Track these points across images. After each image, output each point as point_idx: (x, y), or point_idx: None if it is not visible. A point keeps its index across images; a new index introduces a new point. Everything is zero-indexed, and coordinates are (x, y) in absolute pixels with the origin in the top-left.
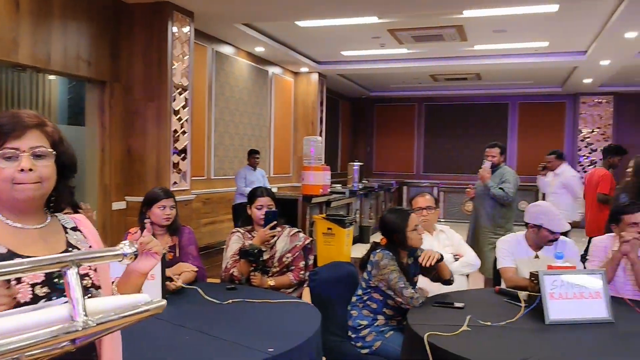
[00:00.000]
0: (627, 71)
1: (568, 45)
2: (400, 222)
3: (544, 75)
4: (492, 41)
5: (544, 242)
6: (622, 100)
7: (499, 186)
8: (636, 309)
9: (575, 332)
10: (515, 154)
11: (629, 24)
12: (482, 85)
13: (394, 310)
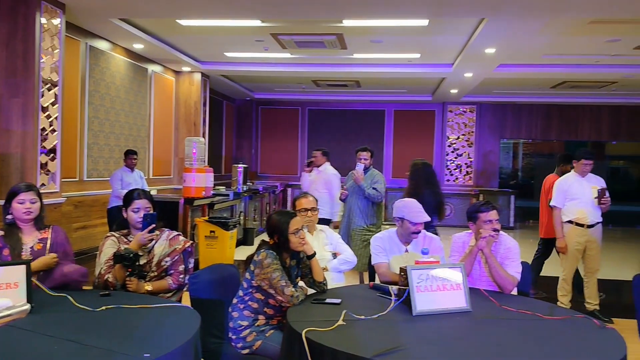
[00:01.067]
0: (487, 83)
1: (437, 58)
2: (283, 224)
3: (416, 85)
4: (370, 50)
5: (409, 234)
6: (483, 110)
7: (372, 186)
8: (490, 297)
9: (439, 321)
10: (391, 158)
11: (488, 41)
12: (361, 92)
13: (275, 310)
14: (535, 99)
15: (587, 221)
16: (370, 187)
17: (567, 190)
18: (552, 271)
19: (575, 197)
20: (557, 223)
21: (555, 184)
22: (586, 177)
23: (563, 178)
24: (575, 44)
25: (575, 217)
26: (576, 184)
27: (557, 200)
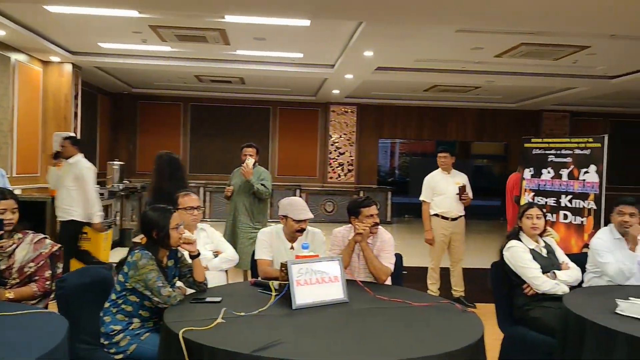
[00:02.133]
0: (367, 85)
1: (319, 58)
2: (163, 219)
3: (300, 85)
4: (253, 48)
5: (293, 231)
6: (363, 111)
7: (260, 183)
8: (365, 288)
9: (317, 314)
10: (277, 156)
11: (366, 44)
12: (246, 90)
13: (151, 312)
14: (410, 102)
15: (451, 214)
16: (259, 183)
17: (434, 187)
18: (423, 262)
19: (441, 192)
20: (425, 217)
21: (424, 181)
22: (451, 173)
23: (430, 175)
24: (444, 51)
25: (440, 210)
26: (442, 180)
27: (425, 195)
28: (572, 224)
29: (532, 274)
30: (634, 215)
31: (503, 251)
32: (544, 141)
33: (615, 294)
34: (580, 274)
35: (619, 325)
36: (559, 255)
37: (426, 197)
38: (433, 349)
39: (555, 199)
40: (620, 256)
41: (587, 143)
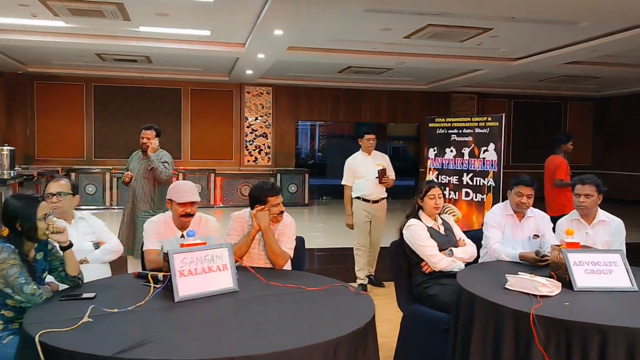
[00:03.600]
0: (281, 65)
1: (228, 37)
2: (28, 209)
3: (211, 64)
4: (156, 24)
5: (178, 216)
6: (279, 92)
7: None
8: (257, 275)
9: (202, 305)
10: (190, 139)
11: (276, 22)
12: (154, 69)
13: (15, 312)
14: (326, 83)
15: (372, 197)
16: (159, 162)
17: (356, 169)
18: (345, 244)
19: (362, 174)
20: (347, 201)
21: (346, 164)
22: (373, 155)
23: (351, 157)
24: (355, 31)
25: (362, 193)
26: (363, 162)
27: (347, 178)
28: (473, 201)
29: (429, 252)
30: (530, 196)
31: (402, 230)
32: (446, 121)
33: (506, 270)
34: (475, 250)
35: (507, 300)
36: (456, 232)
37: (348, 181)
38: (319, 336)
39: (458, 177)
40: (509, 232)
41: (487, 122)
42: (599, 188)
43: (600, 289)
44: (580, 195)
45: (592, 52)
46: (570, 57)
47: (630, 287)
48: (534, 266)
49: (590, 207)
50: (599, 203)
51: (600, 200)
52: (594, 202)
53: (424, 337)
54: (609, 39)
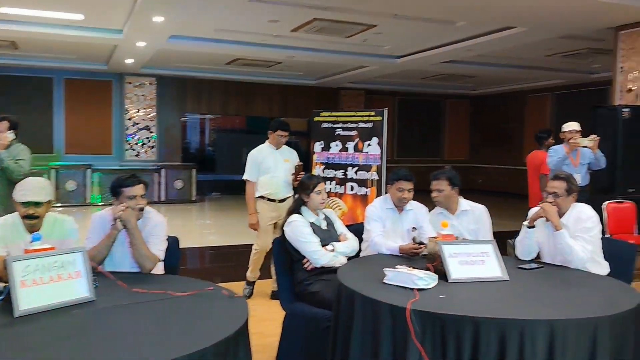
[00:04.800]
0: (165, 55)
1: (104, 22)
2: None
3: (87, 51)
4: (22, 5)
5: (22, 217)
6: (164, 83)
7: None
8: (118, 281)
9: (48, 320)
10: (63, 131)
11: (155, 8)
12: (21, 55)
13: None
14: (214, 75)
15: (278, 196)
16: (13, 160)
17: (261, 163)
18: (240, 240)
19: (267, 170)
20: (249, 198)
21: (249, 157)
22: (280, 150)
23: (257, 150)
24: (242, 22)
25: (267, 192)
26: (270, 156)
27: (250, 173)
28: (357, 195)
29: (311, 248)
30: (411, 190)
31: (284, 227)
32: (331, 115)
33: (386, 263)
34: (357, 244)
35: (385, 296)
36: (338, 226)
37: (251, 176)
38: (183, 348)
39: (343, 171)
40: (389, 225)
41: (370, 117)
42: (451, 181)
43: (473, 280)
44: (434, 190)
45: (467, 51)
46: (449, 56)
47: (502, 276)
48: (413, 256)
49: (442, 201)
50: (458, 194)
51: (457, 192)
52: (446, 196)
53: (306, 335)
54: (482, 39)
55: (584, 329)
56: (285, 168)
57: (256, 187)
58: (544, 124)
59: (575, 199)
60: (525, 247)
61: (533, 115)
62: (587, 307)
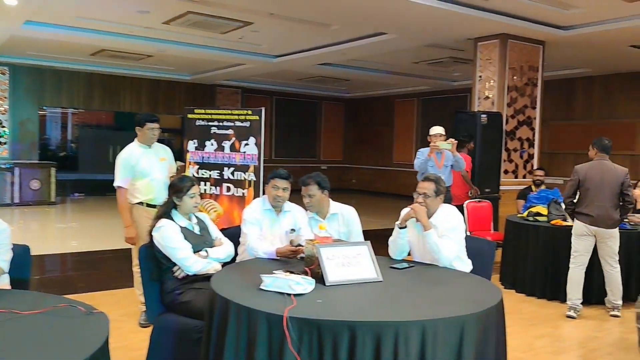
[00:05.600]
0: (19, 42)
1: None
2: None
3: None
4: None
5: None
6: (18, 73)
7: None
8: None
9: None
10: None
11: None
12: None
13: None
14: (76, 66)
15: (159, 201)
16: None
17: (135, 166)
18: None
19: (144, 174)
20: (123, 208)
21: (119, 160)
22: (154, 147)
23: (127, 153)
24: (108, 11)
25: (146, 197)
26: (144, 157)
27: (123, 179)
28: (234, 196)
29: (182, 255)
30: (286, 190)
31: (152, 232)
32: (206, 112)
33: (262, 268)
34: (232, 249)
35: (260, 303)
36: (212, 231)
37: (123, 182)
38: None
39: (219, 172)
40: (267, 228)
41: (247, 115)
42: (320, 185)
43: (350, 282)
44: (305, 196)
45: (342, 55)
46: (324, 58)
47: (376, 277)
48: (291, 258)
49: (315, 206)
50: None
51: (327, 195)
52: (317, 200)
53: (177, 348)
54: (356, 43)
55: (452, 327)
56: (163, 168)
57: (131, 194)
58: (411, 127)
59: (442, 200)
60: (398, 247)
61: (401, 118)
62: (455, 305)
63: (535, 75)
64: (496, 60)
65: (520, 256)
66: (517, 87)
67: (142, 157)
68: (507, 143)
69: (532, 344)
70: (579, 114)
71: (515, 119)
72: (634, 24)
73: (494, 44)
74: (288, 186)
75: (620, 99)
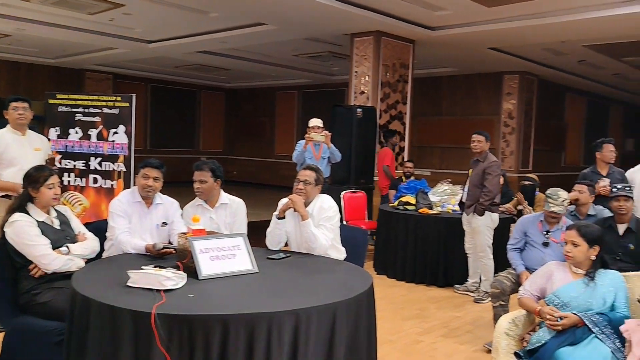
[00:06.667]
0: None
1: None
2: None
3: None
4: None
5: None
6: None
7: None
8: None
9: None
10: None
11: None
12: None
13: None
14: None
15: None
16: None
17: (2, 154)
18: None
19: (13, 162)
20: None
21: None
22: (27, 134)
23: None
24: None
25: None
26: (14, 145)
27: None
28: (102, 188)
29: (39, 252)
30: (157, 179)
31: (4, 228)
32: (70, 98)
33: (130, 264)
34: (97, 244)
35: (126, 301)
36: (75, 225)
37: None
38: None
39: (85, 162)
40: (137, 221)
41: (116, 102)
42: (214, 173)
43: (224, 275)
44: (196, 181)
45: (221, 43)
46: (203, 46)
47: (252, 269)
48: (159, 256)
49: (205, 192)
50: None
51: (219, 184)
52: (209, 187)
53: (34, 352)
54: (236, 32)
55: (324, 314)
56: (36, 159)
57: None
58: (292, 120)
59: (320, 190)
60: (275, 238)
61: (282, 110)
62: (328, 293)
63: (406, 73)
64: (371, 56)
65: (391, 243)
66: (389, 83)
67: (11, 145)
68: (381, 136)
69: (401, 326)
70: (445, 110)
71: (388, 114)
72: (492, 27)
73: (369, 40)
74: (159, 176)
75: (481, 97)
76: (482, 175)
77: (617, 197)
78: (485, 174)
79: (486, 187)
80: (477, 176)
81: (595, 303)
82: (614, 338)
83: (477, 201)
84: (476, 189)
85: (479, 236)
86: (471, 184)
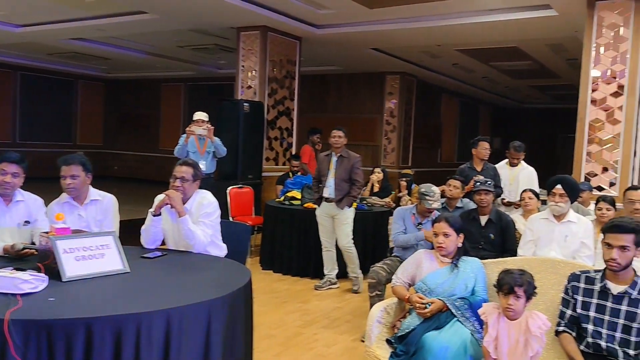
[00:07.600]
0: None
1: None
2: None
3: None
4: None
5: None
6: None
7: None
8: None
9: None
10: None
11: None
12: None
13: None
14: None
15: None
16: None
17: None
18: None
19: None
20: None
21: None
22: None
23: None
24: None
25: None
26: None
27: None
28: None
29: None
30: (17, 175)
31: None
32: None
33: None
34: None
35: None
36: None
37: None
38: None
39: None
40: None
41: None
42: (85, 167)
43: (92, 276)
44: (67, 177)
45: (98, 31)
46: (77, 32)
47: (122, 269)
48: (19, 257)
49: (79, 188)
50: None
51: (90, 179)
52: (82, 182)
53: None
54: (114, 20)
55: (199, 313)
56: None
57: None
58: (178, 113)
59: (198, 186)
60: (151, 235)
61: (168, 103)
62: (203, 291)
63: (293, 69)
64: (257, 51)
65: (278, 238)
66: (277, 79)
67: None
68: (268, 132)
69: (283, 319)
70: (330, 108)
71: (275, 109)
72: (373, 28)
73: (255, 35)
74: (19, 171)
75: (365, 96)
76: (350, 170)
77: (478, 190)
78: (354, 168)
79: (359, 180)
80: (345, 171)
81: (458, 288)
82: (473, 320)
83: (348, 194)
84: (344, 183)
85: (346, 227)
86: (339, 179)
